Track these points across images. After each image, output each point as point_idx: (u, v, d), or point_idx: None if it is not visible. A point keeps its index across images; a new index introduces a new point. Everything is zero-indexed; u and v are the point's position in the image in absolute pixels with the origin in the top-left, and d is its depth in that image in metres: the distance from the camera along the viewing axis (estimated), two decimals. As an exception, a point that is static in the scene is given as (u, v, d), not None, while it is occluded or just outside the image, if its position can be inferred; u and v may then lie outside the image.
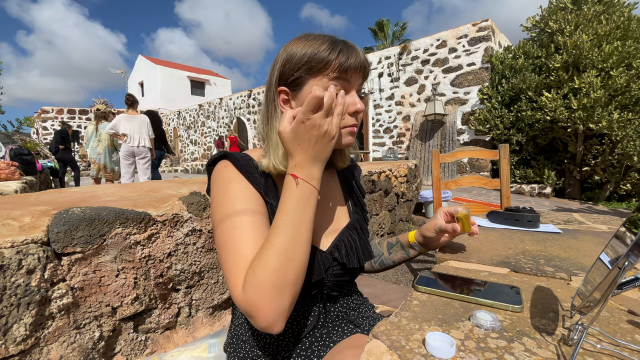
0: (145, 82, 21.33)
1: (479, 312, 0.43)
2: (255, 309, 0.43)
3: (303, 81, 0.54)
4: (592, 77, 4.84)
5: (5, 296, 0.72)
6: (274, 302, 0.44)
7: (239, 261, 0.47)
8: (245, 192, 0.54)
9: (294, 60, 0.53)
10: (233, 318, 0.69)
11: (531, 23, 6.16)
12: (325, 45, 0.52)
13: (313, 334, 0.61)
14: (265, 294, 0.43)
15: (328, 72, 0.52)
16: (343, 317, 0.65)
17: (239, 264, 0.47)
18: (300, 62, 0.53)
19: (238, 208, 0.51)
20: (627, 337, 0.40)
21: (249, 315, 0.44)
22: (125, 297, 0.95)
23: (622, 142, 4.82)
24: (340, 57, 0.52)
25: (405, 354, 0.36)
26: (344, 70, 0.52)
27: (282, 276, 0.44)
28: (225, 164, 0.56)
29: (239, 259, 0.47)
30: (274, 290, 0.44)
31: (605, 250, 0.35)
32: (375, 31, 22.42)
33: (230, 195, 0.53)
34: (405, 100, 8.01)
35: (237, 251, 0.48)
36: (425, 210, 4.00)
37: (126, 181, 4.70)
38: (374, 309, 0.75)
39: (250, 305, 0.44)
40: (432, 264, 2.61)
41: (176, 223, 1.07)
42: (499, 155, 1.82)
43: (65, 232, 0.82)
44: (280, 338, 0.60)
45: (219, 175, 0.56)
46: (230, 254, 0.48)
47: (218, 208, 0.53)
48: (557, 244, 0.81)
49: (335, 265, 0.59)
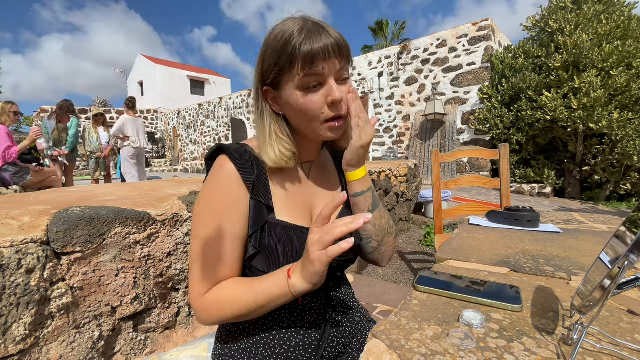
0: (145, 82, 21.32)
1: (466, 312, 0.43)
2: (202, 318, 0.55)
3: (280, 81, 0.54)
4: (592, 76, 4.84)
5: (5, 296, 0.72)
6: (216, 322, 0.56)
7: (210, 276, 0.54)
8: (232, 207, 0.55)
9: (267, 61, 0.54)
10: (227, 325, 0.65)
11: (531, 22, 6.15)
12: (288, 35, 0.50)
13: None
14: (215, 318, 0.54)
15: (295, 68, 0.50)
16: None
17: (209, 279, 0.54)
18: (272, 63, 0.53)
19: (222, 220, 0.55)
20: (627, 337, 0.40)
21: (194, 313, 0.55)
22: (124, 296, 0.95)
23: (622, 142, 4.82)
24: (302, 50, 0.49)
25: (405, 354, 0.36)
26: (310, 61, 0.49)
27: (235, 318, 0.54)
28: (222, 161, 0.57)
29: (211, 275, 0.54)
30: (223, 319, 0.55)
31: (605, 250, 0.35)
32: (375, 30, 22.40)
33: (217, 203, 0.56)
34: (405, 99, 8.01)
35: (208, 264, 0.55)
36: (425, 210, 4.00)
37: (131, 180, 4.83)
38: (359, 304, 0.75)
39: (199, 313, 0.55)
40: (432, 264, 2.61)
41: (176, 222, 1.07)
42: (499, 155, 1.82)
43: (64, 232, 0.82)
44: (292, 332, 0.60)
45: (214, 175, 0.57)
46: (202, 261, 0.55)
47: (205, 210, 0.56)
48: (557, 243, 0.81)
49: None
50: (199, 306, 0.54)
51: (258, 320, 0.59)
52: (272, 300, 0.51)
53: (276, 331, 0.59)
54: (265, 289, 0.51)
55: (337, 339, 0.62)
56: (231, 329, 0.62)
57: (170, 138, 16.60)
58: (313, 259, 0.45)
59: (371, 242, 0.66)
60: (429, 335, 0.40)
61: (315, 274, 0.46)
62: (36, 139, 3.33)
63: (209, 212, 0.56)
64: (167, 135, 16.77)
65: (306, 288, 0.48)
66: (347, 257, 0.63)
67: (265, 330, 0.59)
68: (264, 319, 0.59)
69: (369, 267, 2.60)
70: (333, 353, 0.61)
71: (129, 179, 4.85)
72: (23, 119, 14.43)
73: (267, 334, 0.59)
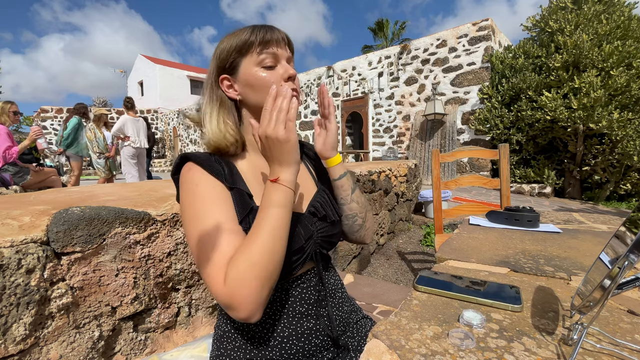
0: (144, 82, 21.31)
1: (466, 312, 0.43)
2: (238, 300, 0.47)
3: (238, 63, 0.61)
4: (592, 76, 4.83)
5: (5, 296, 0.72)
6: (254, 294, 0.47)
7: (220, 258, 0.50)
8: (214, 193, 0.56)
9: (226, 50, 0.61)
10: (221, 325, 0.65)
11: (531, 22, 6.15)
12: (246, 31, 0.61)
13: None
14: (247, 287, 0.47)
15: (254, 49, 0.60)
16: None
17: (220, 261, 0.49)
18: (231, 49, 0.61)
19: (210, 209, 0.54)
20: (626, 337, 0.40)
21: (230, 307, 0.47)
22: (124, 296, 0.95)
23: (622, 142, 4.81)
24: (259, 35, 0.60)
25: (405, 354, 0.36)
26: (266, 43, 0.60)
27: (264, 269, 0.48)
28: (189, 166, 0.59)
29: (220, 256, 0.50)
30: (255, 282, 0.47)
31: (605, 250, 0.35)
32: (375, 30, 22.40)
33: (200, 197, 0.55)
34: (405, 99, 8.00)
35: (215, 249, 0.51)
36: (425, 210, 4.00)
37: (132, 180, 4.84)
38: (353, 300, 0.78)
39: (232, 297, 0.47)
40: (432, 264, 2.61)
41: (176, 222, 1.07)
42: (499, 155, 1.82)
43: (64, 232, 0.82)
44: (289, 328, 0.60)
45: (185, 180, 0.58)
46: (209, 253, 0.51)
47: (190, 211, 0.55)
48: (557, 243, 0.81)
49: (317, 220, 0.64)
50: (227, 292, 0.47)
51: None
52: (279, 217, 0.51)
53: (269, 324, 0.60)
54: (264, 214, 0.51)
55: (327, 328, 0.63)
56: (225, 329, 0.63)
57: (170, 138, 16.59)
58: (280, 137, 0.51)
59: (357, 219, 0.72)
60: (429, 335, 0.40)
61: (287, 152, 0.52)
62: (36, 138, 3.32)
63: (195, 209, 0.55)
64: (167, 135, 16.76)
65: (293, 170, 0.54)
66: (331, 232, 0.66)
67: (258, 324, 0.60)
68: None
69: (369, 267, 2.60)
70: (325, 341, 0.62)
71: (129, 179, 4.88)
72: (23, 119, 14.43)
73: (261, 328, 0.60)
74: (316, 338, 0.61)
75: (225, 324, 0.63)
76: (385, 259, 2.77)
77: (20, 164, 3.14)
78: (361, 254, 2.50)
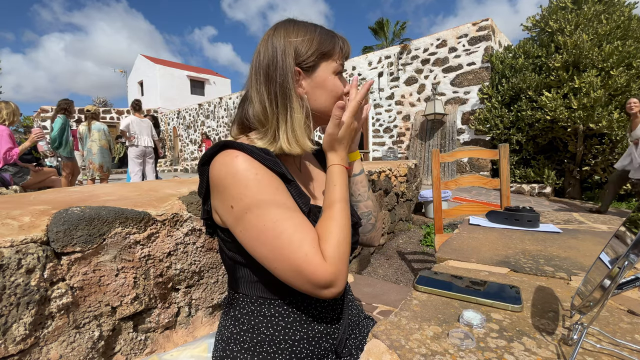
0: (144, 82, 21.31)
1: (466, 312, 0.43)
2: (341, 277, 0.50)
3: (318, 64, 0.61)
4: (592, 76, 4.84)
5: (5, 296, 0.72)
6: (347, 269, 0.52)
7: (311, 242, 0.50)
8: (276, 182, 0.54)
9: (307, 49, 0.60)
10: (228, 326, 0.63)
11: (531, 22, 6.15)
12: (328, 33, 0.62)
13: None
14: (345, 262, 0.51)
15: (336, 57, 0.62)
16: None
17: (314, 244, 0.50)
18: (316, 51, 0.60)
19: (281, 197, 0.52)
20: (626, 337, 0.40)
21: (331, 284, 0.49)
22: (124, 296, 0.95)
23: (622, 142, 4.82)
24: (345, 48, 0.63)
25: (405, 354, 0.36)
26: (346, 53, 0.64)
27: (348, 244, 0.53)
28: (236, 154, 0.53)
29: (311, 240, 0.50)
30: (346, 258, 0.52)
31: (605, 250, 0.35)
32: (376, 30, 22.40)
33: (267, 185, 0.52)
34: (405, 99, 8.01)
35: (304, 234, 0.50)
36: (425, 210, 4.00)
37: (137, 179, 4.92)
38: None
39: (337, 274, 0.49)
40: (432, 264, 2.61)
41: (176, 222, 1.07)
42: (499, 155, 1.82)
43: (64, 232, 0.82)
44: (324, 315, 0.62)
45: (237, 170, 0.51)
46: (298, 239, 0.49)
47: (256, 198, 0.50)
48: (557, 243, 0.81)
49: None
50: (332, 270, 0.48)
51: (263, 317, 0.59)
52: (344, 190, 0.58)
53: (281, 327, 0.59)
54: (336, 188, 0.57)
55: (338, 331, 0.63)
56: (233, 331, 0.61)
57: (170, 138, 16.59)
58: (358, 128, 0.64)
59: (371, 217, 0.74)
60: (429, 335, 0.40)
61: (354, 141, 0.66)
62: (37, 140, 3.31)
63: (263, 197, 0.51)
64: (167, 135, 16.76)
65: (342, 153, 0.62)
66: (353, 239, 0.65)
67: (269, 327, 0.59)
68: (270, 315, 0.59)
69: (369, 267, 2.60)
70: (334, 345, 0.62)
71: (133, 178, 4.97)
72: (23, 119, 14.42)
73: (272, 331, 0.59)
74: (326, 342, 0.61)
75: (234, 325, 0.61)
76: (385, 259, 2.77)
77: (20, 164, 3.14)
78: (361, 254, 2.50)
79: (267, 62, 0.59)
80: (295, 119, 0.58)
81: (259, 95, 0.59)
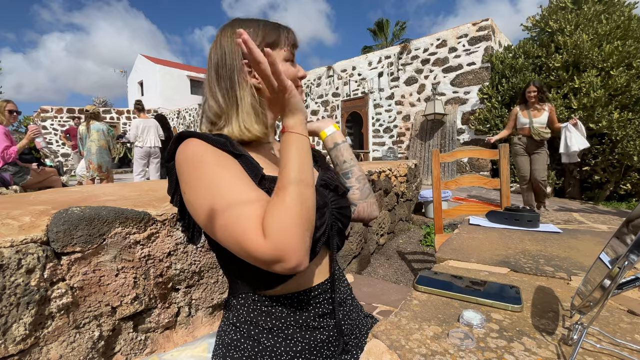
0: (145, 82, 21.31)
1: (466, 312, 0.43)
2: (284, 250, 0.45)
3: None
4: (592, 76, 4.83)
5: (5, 296, 0.72)
6: (298, 240, 0.46)
7: (252, 217, 0.47)
8: (223, 160, 0.54)
9: (252, 39, 0.58)
10: (229, 332, 0.63)
11: (531, 22, 6.15)
12: (272, 25, 0.65)
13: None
14: (291, 235, 0.45)
15: (283, 46, 0.65)
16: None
17: (253, 218, 0.47)
18: (259, 39, 0.63)
19: (226, 175, 0.51)
20: (627, 337, 0.40)
21: (277, 259, 0.45)
22: (124, 296, 0.95)
23: (622, 142, 4.81)
24: (287, 34, 0.66)
25: (405, 354, 0.36)
26: (292, 40, 0.66)
27: (301, 216, 0.47)
28: (187, 142, 0.55)
29: (252, 215, 0.47)
30: (297, 230, 0.46)
31: (605, 250, 0.35)
32: (375, 31, 22.40)
33: (211, 165, 0.52)
34: (405, 99, 8.00)
35: (246, 210, 0.48)
36: (425, 210, 4.00)
37: (140, 179, 4.92)
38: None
39: (279, 247, 0.45)
40: (432, 264, 2.61)
41: (176, 222, 1.07)
42: (499, 155, 1.82)
43: (64, 232, 0.82)
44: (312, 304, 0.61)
45: (187, 156, 0.53)
46: (239, 216, 0.47)
47: (201, 182, 0.51)
48: (557, 243, 0.81)
49: (329, 192, 0.66)
50: (270, 245, 0.45)
51: (264, 326, 0.59)
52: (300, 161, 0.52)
53: (282, 338, 0.59)
54: (288, 157, 0.52)
55: (340, 338, 0.62)
56: (234, 337, 0.61)
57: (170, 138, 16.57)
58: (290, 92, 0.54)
59: (365, 181, 0.77)
60: (429, 335, 0.40)
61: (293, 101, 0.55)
62: (34, 137, 3.30)
63: (208, 179, 0.51)
64: (167, 135, 16.73)
65: (300, 117, 0.56)
66: (343, 204, 0.67)
67: (270, 337, 0.59)
68: (270, 325, 0.59)
69: (368, 267, 2.60)
70: (336, 352, 0.62)
71: (136, 178, 5.03)
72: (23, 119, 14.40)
73: (273, 342, 0.58)
74: (328, 350, 0.61)
75: (235, 332, 0.61)
76: (385, 259, 2.77)
77: (20, 163, 3.14)
78: (361, 254, 2.50)
79: (216, 61, 0.64)
80: (244, 108, 0.62)
81: (212, 93, 0.64)
